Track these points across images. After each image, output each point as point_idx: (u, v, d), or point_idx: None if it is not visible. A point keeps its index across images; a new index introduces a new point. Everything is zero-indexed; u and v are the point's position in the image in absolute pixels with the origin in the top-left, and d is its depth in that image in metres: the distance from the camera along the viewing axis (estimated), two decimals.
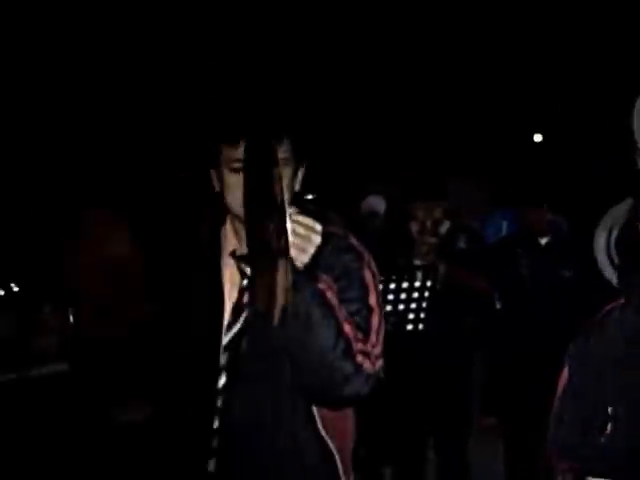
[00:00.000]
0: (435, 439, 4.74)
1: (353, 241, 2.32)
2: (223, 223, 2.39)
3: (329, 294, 2.07)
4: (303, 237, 2.00)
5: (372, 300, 2.24)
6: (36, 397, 3.97)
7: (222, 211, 2.32)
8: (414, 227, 4.51)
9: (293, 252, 1.99)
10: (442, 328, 4.38)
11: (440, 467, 4.76)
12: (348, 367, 2.08)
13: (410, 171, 7.85)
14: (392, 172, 7.54)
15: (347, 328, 2.08)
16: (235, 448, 2.26)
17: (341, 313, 2.09)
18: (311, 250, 2.02)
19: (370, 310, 2.22)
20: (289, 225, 1.97)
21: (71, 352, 4.03)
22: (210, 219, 2.40)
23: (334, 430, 2.29)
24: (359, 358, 2.09)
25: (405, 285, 4.03)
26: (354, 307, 2.18)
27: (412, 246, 4.50)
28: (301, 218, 2.01)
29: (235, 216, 2.29)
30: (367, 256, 2.30)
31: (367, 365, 2.11)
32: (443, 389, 4.58)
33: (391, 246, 4.56)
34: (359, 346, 2.10)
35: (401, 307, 4.04)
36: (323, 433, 2.27)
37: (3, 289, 4.46)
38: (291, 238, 1.98)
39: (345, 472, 2.33)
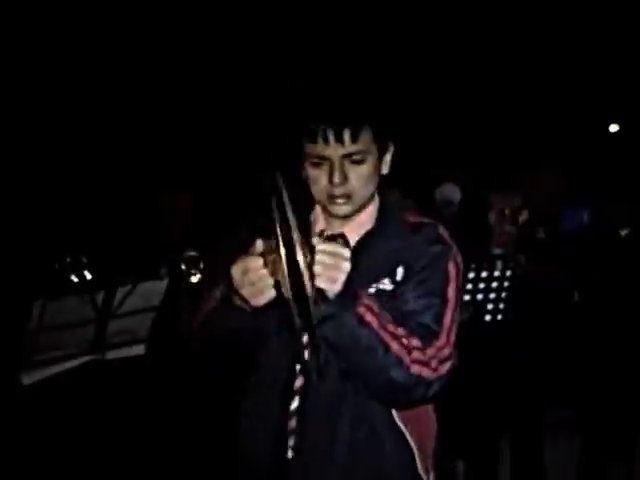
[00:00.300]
0: (509, 434, 4.68)
1: (442, 232, 2.30)
2: (312, 207, 2.38)
3: (368, 316, 2.04)
4: (331, 266, 1.95)
5: (449, 292, 2.21)
6: (112, 380, 4.01)
7: (311, 197, 2.31)
8: (492, 216, 4.45)
9: (323, 283, 1.95)
10: (520, 319, 4.31)
11: (514, 464, 4.69)
12: (406, 379, 2.07)
13: (489, 160, 7.79)
14: (469, 160, 7.48)
15: (394, 345, 2.06)
16: (313, 434, 2.23)
17: (388, 329, 2.06)
18: (342, 278, 1.97)
19: (445, 303, 2.19)
20: (316, 256, 1.93)
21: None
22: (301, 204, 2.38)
23: (412, 423, 2.26)
24: (414, 369, 2.08)
25: (484, 274, 3.97)
26: (429, 301, 2.17)
27: (490, 235, 4.45)
28: (327, 247, 1.96)
29: (322, 206, 2.31)
30: (455, 249, 2.27)
31: (426, 373, 2.09)
32: (519, 381, 4.51)
33: (468, 235, 4.51)
34: (415, 356, 2.08)
35: (479, 297, 3.98)
36: (401, 426, 2.24)
37: (77, 277, 4.53)
38: (318, 269, 1.94)
39: (425, 468, 2.30)
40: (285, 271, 1.88)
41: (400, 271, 2.21)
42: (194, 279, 4.43)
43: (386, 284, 2.21)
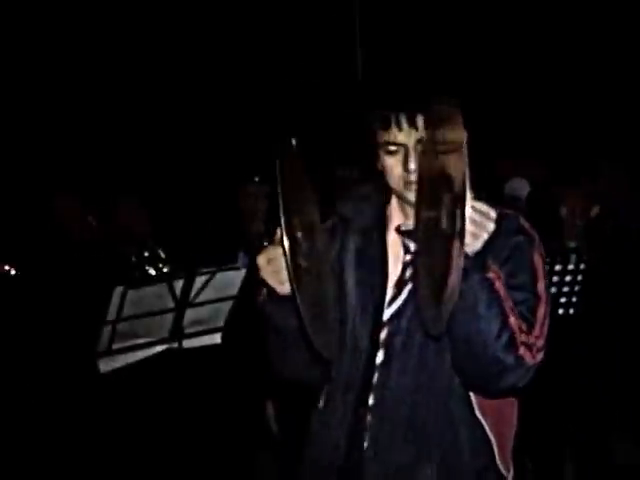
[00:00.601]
0: (575, 435, 4.64)
1: (524, 223, 2.26)
2: (388, 200, 2.37)
3: (497, 284, 2.02)
4: (478, 224, 1.94)
5: (540, 287, 2.17)
6: (190, 368, 4.08)
7: (387, 189, 2.30)
8: (563, 210, 4.43)
9: (467, 238, 1.92)
10: (591, 315, 4.28)
11: (580, 466, 4.65)
12: (509, 359, 2.04)
13: (560, 153, 7.70)
14: (540, 154, 7.40)
15: (512, 319, 2.04)
16: (389, 423, 2.24)
17: (507, 303, 2.04)
18: (484, 237, 1.96)
19: (538, 298, 2.16)
20: (467, 210, 1.91)
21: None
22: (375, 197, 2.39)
23: (492, 414, 2.24)
24: (521, 350, 2.05)
25: (558, 268, 3.96)
26: (521, 295, 2.13)
27: (561, 229, 4.43)
28: (477, 204, 1.95)
29: (398, 194, 2.29)
30: (537, 239, 2.23)
31: (528, 357, 2.07)
32: (588, 378, 4.48)
33: (538, 229, 4.48)
34: (522, 337, 2.06)
35: (553, 290, 3.96)
36: (479, 416, 2.22)
37: (155, 269, 4.61)
38: (468, 226, 1.92)
39: (503, 460, 2.27)
40: (288, 265, 1.89)
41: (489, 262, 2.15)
42: None
43: None
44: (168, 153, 9.51)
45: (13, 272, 4.64)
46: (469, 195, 1.92)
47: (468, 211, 1.91)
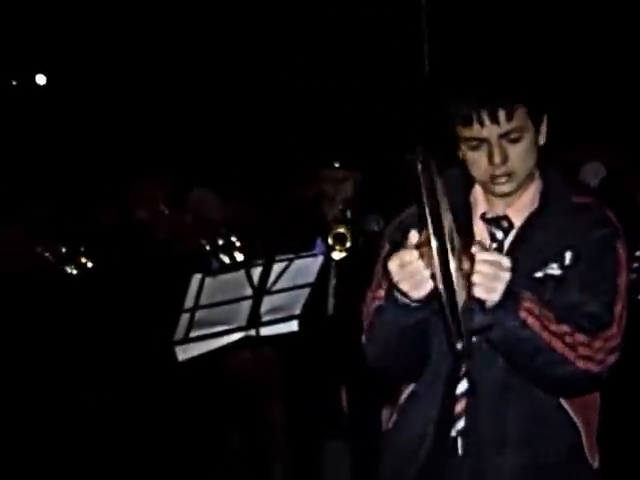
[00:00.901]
0: None
1: (609, 214, 2.22)
2: (471, 187, 2.35)
3: (530, 320, 1.99)
4: (491, 276, 1.92)
5: (621, 281, 2.15)
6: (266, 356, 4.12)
7: (469, 176, 2.30)
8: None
9: (481, 293, 1.92)
10: None
11: None
12: (570, 377, 2.06)
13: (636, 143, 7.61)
14: (616, 138, 7.32)
15: (559, 344, 2.03)
16: (482, 416, 2.23)
17: (549, 330, 2.02)
18: (501, 288, 1.93)
19: (616, 290, 2.13)
20: (476, 265, 1.90)
21: None
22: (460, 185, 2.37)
23: (578, 406, 2.22)
24: (579, 364, 2.05)
25: (639, 254, 3.90)
26: (598, 288, 2.11)
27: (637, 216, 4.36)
28: (487, 256, 1.93)
29: (483, 186, 2.28)
30: (622, 231, 2.21)
31: (592, 367, 2.06)
32: None
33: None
34: (580, 352, 2.05)
35: (633, 277, 3.90)
36: (567, 407, 2.20)
37: (229, 258, 4.64)
38: (477, 279, 1.91)
39: (590, 449, 2.25)
40: (437, 264, 1.84)
41: (569, 255, 2.15)
42: (336, 256, 4.46)
43: (554, 269, 2.15)
44: (243, 139, 9.63)
45: (90, 264, 4.70)
46: (478, 248, 1.93)
47: (478, 265, 1.90)
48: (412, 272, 1.97)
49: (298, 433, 4.83)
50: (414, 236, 1.97)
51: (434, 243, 1.82)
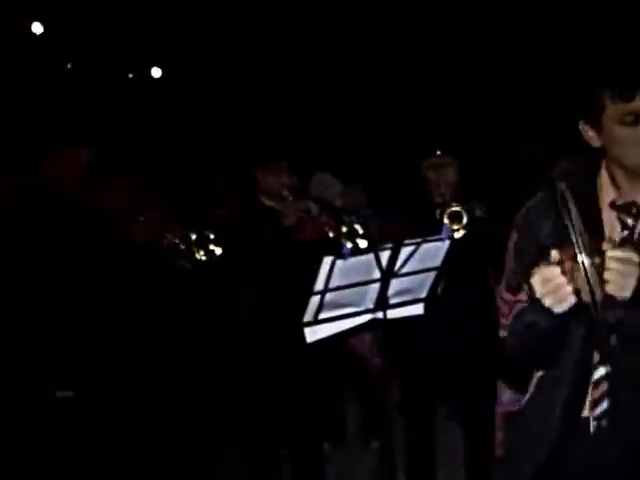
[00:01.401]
0: None
1: None
2: (596, 176, 2.38)
3: None
4: (622, 274, 1.96)
5: None
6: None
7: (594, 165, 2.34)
8: None
9: (613, 290, 1.95)
10: None
11: None
12: None
13: None
14: None
15: None
16: (623, 401, 2.29)
17: None
18: (632, 284, 1.96)
19: None
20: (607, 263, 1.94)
21: None
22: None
23: None
24: None
25: None
26: None
27: None
28: (618, 253, 1.97)
29: (621, 168, 2.30)
30: None
31: None
32: None
33: None
34: None
35: None
36: None
37: (352, 244, 4.69)
38: (609, 276, 1.94)
39: None
40: (585, 279, 1.90)
41: None
42: (456, 235, 4.51)
43: None
44: (352, 127, 9.69)
45: (219, 251, 4.79)
46: (609, 245, 1.97)
47: (609, 262, 1.94)
48: (555, 288, 2.02)
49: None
50: (555, 254, 2.02)
51: (581, 259, 1.90)
